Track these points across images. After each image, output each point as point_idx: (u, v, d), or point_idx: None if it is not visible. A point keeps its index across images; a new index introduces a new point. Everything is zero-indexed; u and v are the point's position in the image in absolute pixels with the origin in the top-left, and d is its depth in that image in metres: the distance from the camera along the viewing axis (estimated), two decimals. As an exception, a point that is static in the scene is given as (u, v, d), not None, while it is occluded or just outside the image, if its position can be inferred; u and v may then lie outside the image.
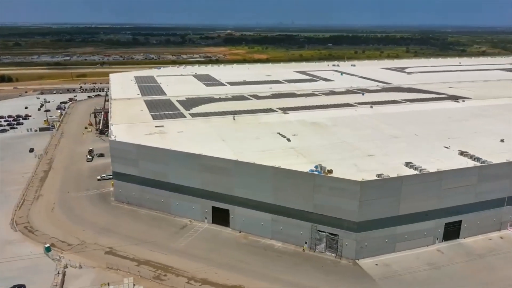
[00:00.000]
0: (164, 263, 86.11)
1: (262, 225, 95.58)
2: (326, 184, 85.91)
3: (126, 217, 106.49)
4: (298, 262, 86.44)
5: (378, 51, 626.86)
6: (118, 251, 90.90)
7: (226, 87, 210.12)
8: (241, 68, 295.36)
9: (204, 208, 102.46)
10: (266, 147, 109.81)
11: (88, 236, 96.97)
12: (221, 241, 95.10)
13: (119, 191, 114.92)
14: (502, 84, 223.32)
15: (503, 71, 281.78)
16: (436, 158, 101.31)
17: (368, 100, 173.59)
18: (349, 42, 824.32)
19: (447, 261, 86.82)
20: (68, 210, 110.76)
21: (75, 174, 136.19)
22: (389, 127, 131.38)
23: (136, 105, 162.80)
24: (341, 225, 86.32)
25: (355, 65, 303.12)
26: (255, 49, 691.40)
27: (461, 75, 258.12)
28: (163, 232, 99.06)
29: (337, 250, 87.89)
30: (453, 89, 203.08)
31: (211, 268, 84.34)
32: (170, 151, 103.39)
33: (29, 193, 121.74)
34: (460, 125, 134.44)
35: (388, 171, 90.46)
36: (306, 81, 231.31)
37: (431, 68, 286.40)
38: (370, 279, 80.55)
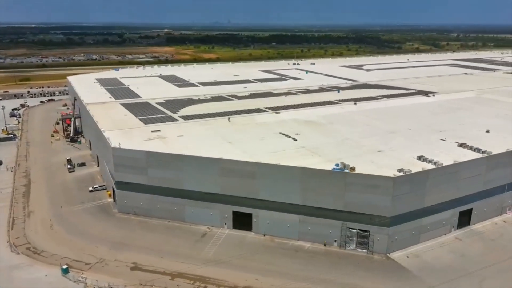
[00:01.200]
0: (199, 274, 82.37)
1: (288, 226, 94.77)
2: (358, 181, 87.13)
3: (138, 229, 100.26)
4: (334, 261, 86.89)
5: (322, 50, 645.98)
6: (144, 266, 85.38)
7: (199, 87, 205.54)
8: (204, 68, 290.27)
9: (224, 213, 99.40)
10: (276, 147, 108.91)
11: (105, 253, 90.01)
12: (249, 246, 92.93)
13: (123, 202, 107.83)
14: (455, 78, 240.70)
15: (449, 66, 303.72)
16: (439, 151, 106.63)
17: (346, 97, 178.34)
18: (291, 41, 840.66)
19: (468, 247, 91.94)
20: (69, 226, 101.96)
21: (61, 187, 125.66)
22: (381, 123, 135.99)
23: (115, 109, 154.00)
24: (373, 221, 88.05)
25: (315, 64, 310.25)
26: (201, 48, 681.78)
27: (415, 71, 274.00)
28: (184, 242, 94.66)
29: (368, 246, 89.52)
30: (415, 84, 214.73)
31: (249, 275, 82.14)
32: (186, 157, 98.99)
33: (17, 210, 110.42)
34: (443, 118, 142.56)
35: (404, 165, 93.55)
36: (276, 80, 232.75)
37: (385, 65, 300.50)
38: (408, 272, 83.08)
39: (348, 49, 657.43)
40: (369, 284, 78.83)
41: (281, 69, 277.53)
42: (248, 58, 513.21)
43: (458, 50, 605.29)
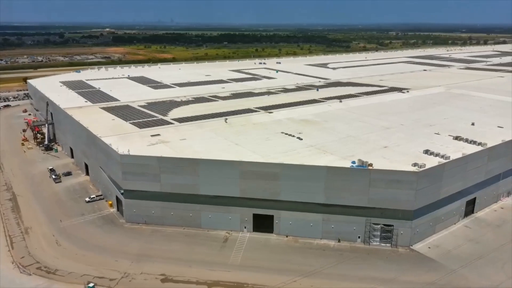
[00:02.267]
0: (235, 281, 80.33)
1: (311, 226, 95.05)
2: (382, 177, 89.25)
3: (154, 239, 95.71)
4: (363, 257, 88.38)
5: (276, 49, 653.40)
6: (175, 277, 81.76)
7: (176, 89, 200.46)
8: (171, 69, 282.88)
9: (244, 217, 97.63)
10: (285, 147, 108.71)
11: (127, 266, 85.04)
12: (275, 248, 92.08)
13: (132, 211, 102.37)
14: (417, 75, 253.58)
15: (405, 63, 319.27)
16: (439, 144, 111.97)
17: (327, 95, 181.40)
18: (243, 41, 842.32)
19: (479, 235, 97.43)
20: (77, 240, 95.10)
21: (53, 199, 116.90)
22: (373, 119, 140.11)
23: (98, 113, 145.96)
24: (396, 215, 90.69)
25: (281, 63, 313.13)
26: (153, 48, 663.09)
27: (377, 68, 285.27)
28: (208, 249, 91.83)
29: (391, 240, 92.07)
30: (384, 81, 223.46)
31: (285, 277, 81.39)
32: (203, 161, 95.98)
33: (11, 227, 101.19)
34: (427, 113, 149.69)
35: (414, 160, 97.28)
36: (250, 79, 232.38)
37: (347, 64, 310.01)
38: (435, 262, 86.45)
39: (300, 48, 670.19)
40: (410, 277, 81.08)
41: (250, 69, 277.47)
42: (205, 58, 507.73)
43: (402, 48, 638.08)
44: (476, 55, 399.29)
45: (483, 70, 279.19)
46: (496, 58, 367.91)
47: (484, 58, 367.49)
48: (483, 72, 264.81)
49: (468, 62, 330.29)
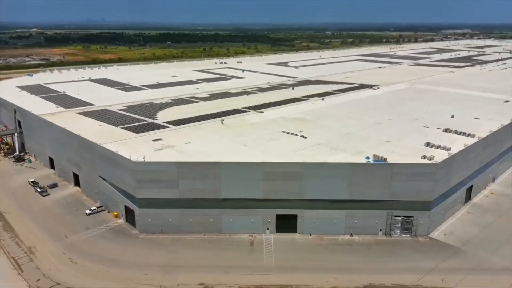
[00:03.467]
0: (279, 283, 79.41)
1: (334, 222, 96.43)
2: (403, 171, 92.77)
3: (177, 248, 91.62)
4: (390, 249, 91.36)
5: (224, 48, 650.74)
6: (215, 285, 79.03)
7: (148, 91, 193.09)
8: (131, 70, 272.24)
9: (267, 218, 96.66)
10: (294, 146, 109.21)
11: (160, 279, 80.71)
12: (303, 248, 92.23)
13: (147, 221, 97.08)
14: (376, 71, 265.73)
15: (358, 61, 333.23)
16: (433, 137, 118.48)
17: (304, 93, 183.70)
18: (186, 40, 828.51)
19: (482, 219, 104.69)
20: (92, 256, 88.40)
21: (46, 214, 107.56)
22: (361, 116, 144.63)
23: (80, 119, 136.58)
24: (416, 206, 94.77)
25: (241, 62, 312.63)
26: (93, 48, 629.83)
27: (336, 66, 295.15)
28: (237, 253, 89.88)
29: (411, 230, 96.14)
30: (349, 79, 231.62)
31: (326, 275, 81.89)
32: (225, 164, 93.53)
33: (10, 248, 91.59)
34: (407, 108, 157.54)
35: (419, 152, 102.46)
36: (220, 79, 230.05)
37: (306, 62, 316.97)
38: (455, 248, 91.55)
39: (247, 48, 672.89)
40: (442, 264, 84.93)
41: (214, 69, 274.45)
42: (153, 58, 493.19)
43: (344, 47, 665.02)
44: (417, 52, 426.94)
45: (431, 66, 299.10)
46: (437, 54, 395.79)
47: (426, 54, 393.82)
48: (432, 68, 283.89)
49: (414, 59, 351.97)
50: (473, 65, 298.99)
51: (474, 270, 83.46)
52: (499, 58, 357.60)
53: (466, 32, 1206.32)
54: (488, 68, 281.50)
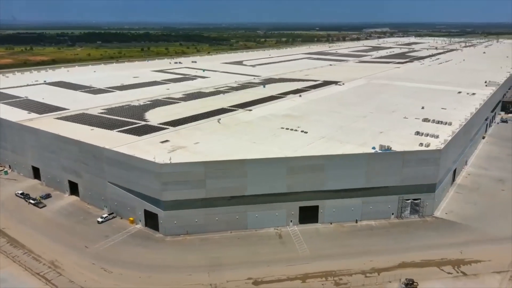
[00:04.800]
0: (323, 270, 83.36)
1: (352, 210, 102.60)
2: (413, 157, 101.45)
3: (209, 247, 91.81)
4: (406, 230, 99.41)
5: (163, 48, 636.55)
6: (263, 278, 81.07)
7: (117, 93, 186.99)
8: (85, 71, 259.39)
9: (290, 211, 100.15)
10: (301, 140, 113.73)
11: (208, 278, 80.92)
12: (329, 236, 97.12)
13: (173, 223, 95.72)
14: (331, 69, 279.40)
15: (308, 59, 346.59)
16: (417, 126, 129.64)
17: (278, 91, 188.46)
18: (118, 40, 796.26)
19: (470, 198, 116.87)
20: (125, 264, 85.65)
21: (52, 226, 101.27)
22: (343, 110, 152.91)
23: (62, 125, 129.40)
24: (422, 189, 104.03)
25: (196, 62, 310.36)
26: (17, 49, 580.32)
27: (290, 64, 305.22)
28: (270, 247, 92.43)
29: (419, 212, 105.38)
30: (309, 76, 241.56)
31: (361, 258, 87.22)
32: (250, 161, 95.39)
33: (29, 263, 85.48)
34: (379, 101, 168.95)
35: (414, 140, 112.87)
36: (186, 79, 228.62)
37: (260, 61, 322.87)
38: (458, 224, 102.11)
39: (187, 47, 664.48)
40: (455, 239, 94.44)
41: (172, 69, 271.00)
42: (89, 58, 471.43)
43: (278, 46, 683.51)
44: (355, 50, 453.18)
45: (375, 62, 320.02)
46: (374, 52, 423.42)
47: (364, 52, 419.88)
48: (378, 65, 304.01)
49: (356, 56, 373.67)
50: (412, 61, 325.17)
51: (481, 241, 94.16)
52: (430, 54, 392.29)
53: (386, 31, 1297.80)
54: (427, 64, 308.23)
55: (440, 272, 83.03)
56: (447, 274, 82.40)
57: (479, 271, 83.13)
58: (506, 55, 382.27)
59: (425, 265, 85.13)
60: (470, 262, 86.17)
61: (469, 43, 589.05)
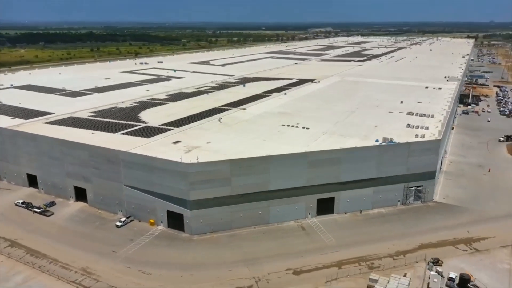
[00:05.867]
0: (355, 256, 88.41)
1: (364, 199, 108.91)
2: (417, 148, 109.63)
3: (238, 243, 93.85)
4: (414, 215, 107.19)
5: (113, 48, 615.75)
6: (301, 268, 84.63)
7: (95, 95, 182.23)
8: (48, 73, 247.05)
9: (309, 203, 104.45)
10: (307, 136, 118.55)
11: (249, 272, 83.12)
12: (347, 225, 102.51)
13: (199, 222, 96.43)
14: (299, 67, 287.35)
15: (272, 58, 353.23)
16: (406, 119, 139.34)
17: (260, 90, 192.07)
18: (62, 40, 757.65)
19: (460, 183, 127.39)
20: (161, 265, 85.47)
21: (68, 234, 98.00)
22: (331, 106, 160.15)
23: (56, 130, 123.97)
24: (424, 177, 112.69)
25: (163, 62, 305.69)
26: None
27: (258, 63, 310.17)
28: (297, 238, 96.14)
29: (421, 198, 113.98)
30: (282, 74, 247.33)
31: (383, 243, 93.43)
32: (272, 157, 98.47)
33: (61, 273, 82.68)
34: (360, 97, 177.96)
35: (409, 132, 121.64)
36: (162, 80, 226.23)
37: (226, 61, 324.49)
38: (458, 207, 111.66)
39: (139, 47, 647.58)
40: (460, 220, 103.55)
41: (142, 69, 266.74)
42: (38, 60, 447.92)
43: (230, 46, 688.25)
44: (312, 49, 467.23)
45: (337, 61, 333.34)
46: (330, 50, 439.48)
47: (321, 51, 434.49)
48: (340, 63, 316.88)
49: (316, 55, 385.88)
50: (370, 59, 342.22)
51: (482, 221, 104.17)
52: (383, 52, 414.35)
53: (330, 31, 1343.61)
54: (384, 61, 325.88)
55: (456, 250, 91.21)
56: (463, 252, 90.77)
57: (489, 247, 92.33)
58: (451, 52, 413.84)
59: (442, 245, 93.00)
60: (478, 240, 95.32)
61: (413, 41, 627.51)
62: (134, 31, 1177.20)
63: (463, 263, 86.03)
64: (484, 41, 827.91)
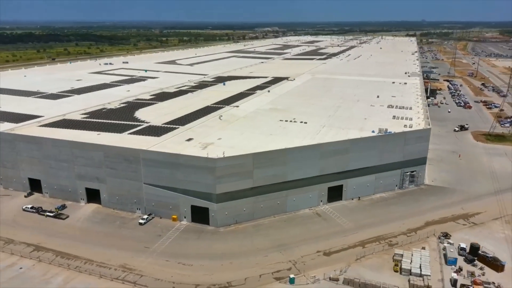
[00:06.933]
0: (375, 236, 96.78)
1: (367, 186, 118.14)
2: (411, 136, 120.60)
3: (265, 232, 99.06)
4: (412, 197, 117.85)
5: (61, 49, 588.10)
6: (331, 249, 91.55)
7: (75, 97, 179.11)
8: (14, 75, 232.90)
9: (321, 192, 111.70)
10: (309, 130, 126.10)
11: (282, 256, 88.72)
12: (356, 209, 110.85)
13: (224, 215, 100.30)
14: (268, 66, 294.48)
15: (237, 58, 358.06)
16: (389, 112, 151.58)
17: (242, 88, 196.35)
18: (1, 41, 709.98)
19: (440, 167, 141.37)
20: (200, 256, 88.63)
21: (94, 235, 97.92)
22: (318, 101, 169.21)
23: (55, 132, 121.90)
24: (417, 162, 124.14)
25: (128, 62, 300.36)
26: None
27: (225, 62, 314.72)
28: (317, 225, 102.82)
29: (414, 182, 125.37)
30: (254, 73, 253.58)
31: (393, 224, 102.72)
32: (290, 149, 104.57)
33: (101, 272, 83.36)
34: (339, 93, 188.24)
35: (397, 123, 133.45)
36: (137, 80, 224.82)
37: (192, 60, 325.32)
38: (446, 188, 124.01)
39: (88, 47, 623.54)
40: (452, 199, 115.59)
41: (111, 70, 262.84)
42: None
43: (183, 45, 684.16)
44: (271, 48, 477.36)
45: (300, 59, 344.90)
46: (288, 50, 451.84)
47: (281, 50, 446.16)
48: (304, 61, 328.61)
49: (277, 54, 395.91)
50: (330, 57, 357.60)
51: (470, 199, 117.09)
52: (340, 51, 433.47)
53: (276, 30, 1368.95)
54: (345, 59, 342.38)
55: (457, 225, 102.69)
56: (463, 226, 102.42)
57: (483, 220, 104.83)
58: (400, 50, 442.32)
59: (444, 222, 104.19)
60: (473, 215, 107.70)
61: (361, 40, 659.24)
62: (75, 30, 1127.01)
63: (466, 235, 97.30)
64: (423, 39, 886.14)
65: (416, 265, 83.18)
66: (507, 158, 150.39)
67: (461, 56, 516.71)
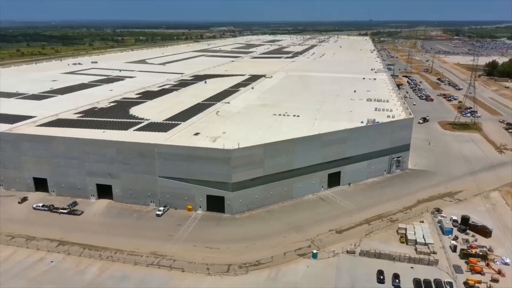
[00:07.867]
0: (377, 214, 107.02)
1: (361, 171, 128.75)
2: (398, 125, 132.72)
3: (278, 215, 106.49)
4: (400, 180, 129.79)
5: (13, 50, 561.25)
6: (341, 227, 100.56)
7: (59, 97, 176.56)
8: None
9: (322, 178, 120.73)
10: (304, 123, 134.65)
11: (299, 236, 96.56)
12: (354, 193, 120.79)
13: (238, 202, 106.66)
14: (239, 64, 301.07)
15: (205, 57, 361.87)
16: (369, 104, 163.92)
17: (225, 86, 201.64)
18: None
19: (420, 154, 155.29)
20: (223, 241, 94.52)
21: (115, 227, 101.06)
22: (304, 97, 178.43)
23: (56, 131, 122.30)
24: (403, 149, 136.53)
25: (97, 62, 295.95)
26: None
27: (199, 61, 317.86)
28: (323, 208, 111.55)
29: (400, 166, 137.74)
30: (230, 71, 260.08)
31: (391, 203, 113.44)
32: (296, 139, 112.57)
33: (133, 259, 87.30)
34: (318, 89, 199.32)
35: (380, 114, 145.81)
36: (116, 80, 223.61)
37: (162, 60, 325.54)
38: (429, 171, 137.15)
39: (42, 48, 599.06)
40: (435, 181, 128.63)
41: (83, 70, 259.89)
42: None
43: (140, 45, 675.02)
44: (235, 47, 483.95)
45: (268, 58, 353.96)
46: (253, 48, 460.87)
47: (246, 49, 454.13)
48: (273, 60, 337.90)
49: (244, 53, 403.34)
50: (297, 56, 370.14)
51: (450, 179, 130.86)
52: (303, 49, 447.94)
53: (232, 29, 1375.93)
54: (311, 58, 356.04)
55: (444, 202, 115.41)
56: (450, 202, 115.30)
57: (465, 197, 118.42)
58: (359, 48, 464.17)
59: (433, 199, 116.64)
60: (456, 193, 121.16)
61: (319, 39, 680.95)
62: (22, 30, 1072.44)
63: (454, 210, 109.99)
64: (375, 38, 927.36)
65: (420, 236, 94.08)
66: (473, 143, 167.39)
67: (414, 54, 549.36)
